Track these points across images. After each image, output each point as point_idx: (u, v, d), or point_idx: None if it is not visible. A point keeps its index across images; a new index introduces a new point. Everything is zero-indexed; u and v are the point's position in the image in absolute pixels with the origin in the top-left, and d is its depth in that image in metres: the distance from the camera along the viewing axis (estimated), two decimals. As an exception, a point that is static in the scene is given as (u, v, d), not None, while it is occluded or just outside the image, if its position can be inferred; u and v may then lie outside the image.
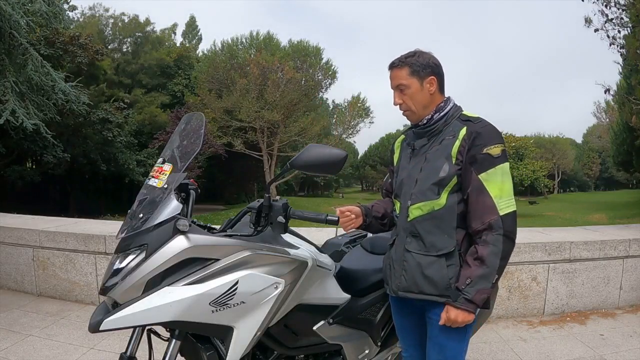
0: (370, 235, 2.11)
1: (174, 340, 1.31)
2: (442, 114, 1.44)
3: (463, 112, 1.45)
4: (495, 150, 1.35)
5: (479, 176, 1.34)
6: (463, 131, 1.38)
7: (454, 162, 1.37)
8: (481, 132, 1.36)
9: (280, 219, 1.37)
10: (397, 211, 1.53)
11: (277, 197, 1.42)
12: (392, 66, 1.45)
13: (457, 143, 1.37)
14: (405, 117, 1.52)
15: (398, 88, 1.44)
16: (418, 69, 1.41)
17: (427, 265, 1.40)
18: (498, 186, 1.34)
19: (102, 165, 19.73)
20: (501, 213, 1.32)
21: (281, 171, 1.47)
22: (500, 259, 1.31)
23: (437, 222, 1.40)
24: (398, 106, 1.48)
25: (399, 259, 1.47)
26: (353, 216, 1.53)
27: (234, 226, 1.50)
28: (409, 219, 1.44)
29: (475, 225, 1.34)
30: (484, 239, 1.32)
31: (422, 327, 1.54)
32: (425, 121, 1.46)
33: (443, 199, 1.39)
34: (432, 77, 1.43)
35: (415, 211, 1.43)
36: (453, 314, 1.34)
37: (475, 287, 1.31)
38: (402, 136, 1.65)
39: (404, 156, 1.56)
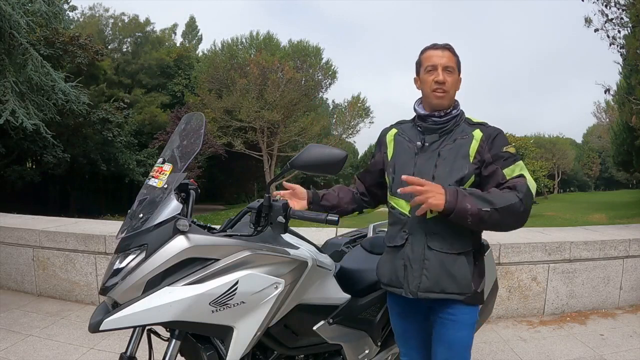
0: (370, 235, 2.12)
1: (174, 340, 1.31)
2: (457, 111, 1.50)
3: (467, 116, 1.52)
4: (512, 149, 1.44)
5: (504, 171, 1.40)
6: (478, 133, 1.45)
7: (471, 161, 1.42)
8: (498, 134, 1.45)
9: (280, 219, 1.36)
10: (403, 209, 1.48)
11: (277, 197, 1.41)
12: (445, 47, 1.48)
13: (475, 143, 1.43)
14: (430, 100, 1.48)
15: (446, 69, 1.45)
16: (459, 64, 1.50)
17: (451, 263, 1.40)
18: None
19: (102, 165, 19.74)
20: (527, 184, 1.37)
21: (281, 171, 1.47)
22: (503, 208, 1.29)
23: None
24: (438, 84, 1.44)
25: (418, 258, 1.43)
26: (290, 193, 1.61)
27: (234, 226, 1.50)
28: (428, 217, 1.41)
29: (503, 184, 1.36)
30: (502, 189, 1.35)
31: (425, 329, 1.54)
32: (442, 113, 1.47)
33: None
34: (461, 77, 1.53)
35: None
36: (429, 187, 1.29)
37: (467, 194, 1.31)
38: (394, 129, 1.61)
39: (404, 151, 1.52)
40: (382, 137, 1.64)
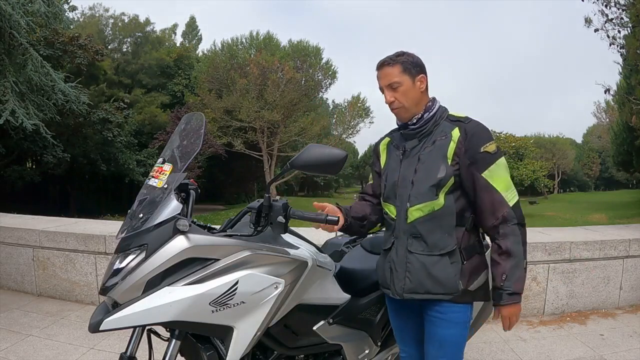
0: (370, 235, 2.11)
1: (174, 340, 1.31)
2: (431, 113, 1.46)
3: (450, 113, 1.49)
4: (491, 147, 1.40)
5: (482, 175, 1.38)
6: (456, 132, 1.41)
7: (450, 163, 1.40)
8: (475, 131, 1.40)
9: (280, 219, 1.36)
10: (392, 214, 1.51)
11: (277, 197, 1.42)
12: (383, 64, 1.45)
13: (453, 145, 1.40)
14: (395, 117, 1.52)
15: (390, 87, 1.44)
16: (409, 66, 1.44)
17: (432, 265, 1.41)
18: (502, 181, 1.39)
19: (102, 165, 19.75)
20: (510, 204, 1.38)
21: (281, 171, 1.47)
22: (522, 245, 1.39)
23: (437, 222, 1.41)
24: (389, 105, 1.47)
25: (402, 261, 1.46)
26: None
27: (234, 226, 1.50)
28: (408, 221, 1.44)
29: (490, 222, 1.39)
30: (503, 232, 1.38)
31: (420, 326, 1.55)
32: (415, 120, 1.47)
33: (441, 199, 1.40)
34: (422, 75, 1.46)
35: (415, 213, 1.43)
36: (505, 312, 1.38)
37: (512, 279, 1.36)
38: (387, 138, 1.64)
39: (392, 158, 1.55)
40: (377, 147, 1.67)
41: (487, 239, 1.52)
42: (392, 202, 1.51)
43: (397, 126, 1.58)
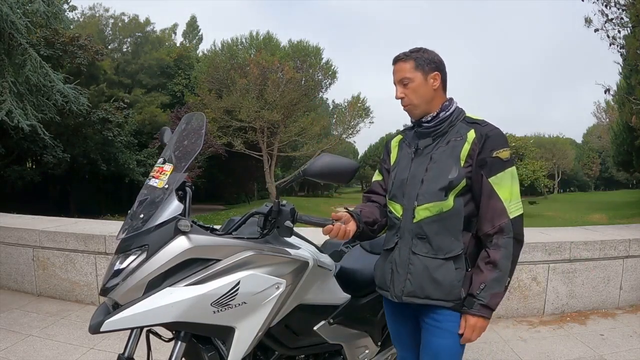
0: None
1: (179, 343, 1.30)
2: (447, 113, 1.43)
3: (467, 115, 1.45)
4: (504, 153, 1.36)
5: (489, 180, 1.35)
6: (472, 134, 1.38)
7: (462, 164, 1.37)
8: (491, 135, 1.37)
9: (288, 223, 1.36)
10: (397, 213, 1.47)
11: (284, 202, 1.42)
12: (397, 60, 1.44)
13: (467, 146, 1.37)
14: (407, 114, 1.49)
15: (401, 82, 1.42)
16: (422, 63, 1.41)
17: (435, 269, 1.37)
18: (508, 190, 1.35)
19: (102, 165, 19.74)
20: (511, 216, 1.34)
21: (292, 178, 1.47)
22: (511, 262, 1.34)
23: (444, 224, 1.37)
24: (400, 100, 1.45)
25: (404, 262, 1.42)
26: (344, 226, 1.43)
27: (237, 229, 1.50)
28: (414, 220, 1.40)
29: (486, 229, 1.36)
30: (495, 243, 1.34)
31: (417, 330, 1.52)
32: (429, 118, 1.43)
33: (450, 200, 1.37)
34: (436, 72, 1.42)
35: (422, 212, 1.39)
36: (472, 321, 1.35)
37: (490, 292, 1.33)
38: (400, 136, 1.61)
39: (404, 156, 1.52)
40: (388, 144, 1.63)
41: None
42: (398, 200, 1.47)
43: (411, 124, 1.55)
